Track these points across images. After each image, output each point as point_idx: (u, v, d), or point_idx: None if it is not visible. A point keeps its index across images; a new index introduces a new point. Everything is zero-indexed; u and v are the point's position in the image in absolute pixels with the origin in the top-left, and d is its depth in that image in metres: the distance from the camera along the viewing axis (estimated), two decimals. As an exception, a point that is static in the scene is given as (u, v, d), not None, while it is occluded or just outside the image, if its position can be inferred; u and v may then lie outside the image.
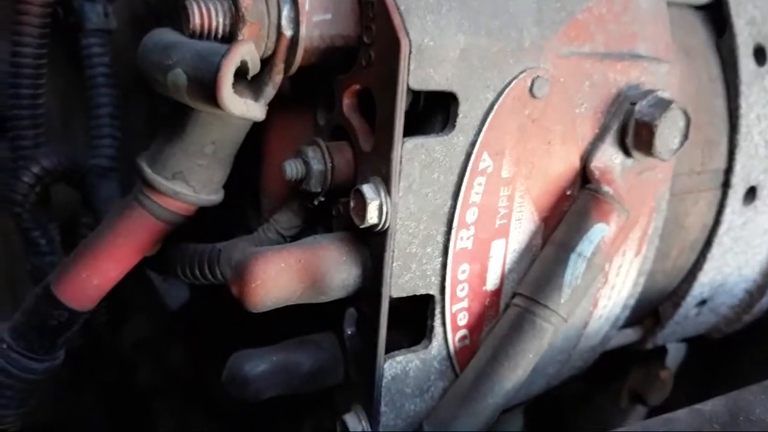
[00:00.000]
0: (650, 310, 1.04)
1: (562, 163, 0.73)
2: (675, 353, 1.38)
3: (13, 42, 0.84)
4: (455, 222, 0.68)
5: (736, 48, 0.92)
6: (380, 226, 0.65)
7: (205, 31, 0.61)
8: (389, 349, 0.70)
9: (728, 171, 0.94)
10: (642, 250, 0.86)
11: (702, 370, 1.46)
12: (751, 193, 0.97)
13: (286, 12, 0.62)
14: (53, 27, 0.88)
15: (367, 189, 0.64)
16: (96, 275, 0.71)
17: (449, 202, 0.68)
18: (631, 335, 1.05)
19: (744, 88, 0.93)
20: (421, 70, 0.62)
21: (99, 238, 0.71)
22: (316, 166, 0.68)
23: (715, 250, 0.97)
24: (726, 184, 0.95)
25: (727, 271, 1.01)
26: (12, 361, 0.74)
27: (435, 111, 0.68)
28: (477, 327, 0.74)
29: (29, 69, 0.85)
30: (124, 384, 1.10)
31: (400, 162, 0.64)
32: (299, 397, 0.90)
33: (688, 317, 1.05)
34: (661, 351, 1.23)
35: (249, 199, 0.81)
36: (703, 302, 1.04)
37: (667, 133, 0.74)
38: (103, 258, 0.71)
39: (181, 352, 1.08)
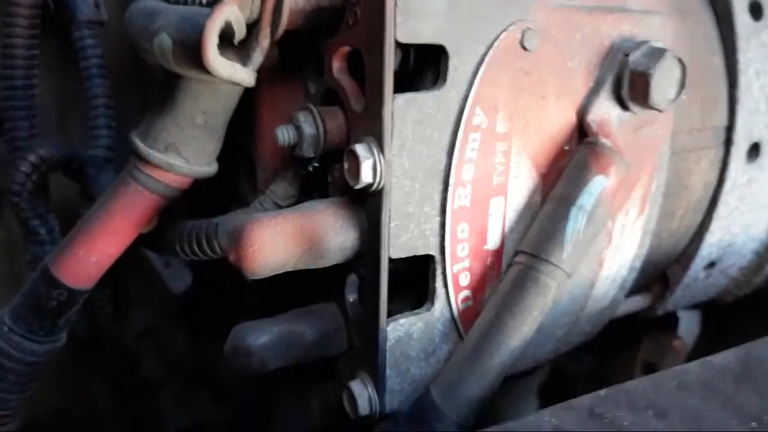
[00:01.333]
0: (658, 274, 1.03)
1: (558, 118, 0.72)
2: (689, 325, 1.36)
3: (5, 34, 0.85)
4: (452, 179, 0.67)
5: (731, 3, 0.92)
6: (375, 186, 0.64)
7: (190, -5, 0.61)
8: (392, 315, 0.70)
9: (730, 128, 0.93)
10: (645, 209, 0.85)
11: (716, 342, 1.44)
12: (754, 150, 0.95)
13: (269, -28, 0.61)
14: (44, 20, 0.88)
15: (359, 148, 0.63)
16: (94, 252, 0.71)
17: (444, 159, 0.67)
18: (640, 302, 1.04)
19: (741, 43, 0.92)
20: (408, 24, 0.61)
21: (95, 215, 0.71)
22: (308, 130, 0.67)
23: (721, 209, 0.96)
24: (728, 141, 0.93)
25: (735, 231, 1.00)
26: (13, 343, 0.73)
27: (425, 68, 0.67)
28: (480, 287, 0.73)
29: (21, 60, 0.85)
30: (130, 373, 1.10)
31: (392, 119, 0.63)
32: (304, 377, 0.89)
33: (697, 280, 1.03)
34: (673, 320, 1.22)
35: (243, 171, 0.80)
36: (711, 264, 1.02)
37: (663, 82, 0.73)
38: (100, 235, 0.70)
39: (184, 339, 1.07)
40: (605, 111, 0.73)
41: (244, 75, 0.62)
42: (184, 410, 1.08)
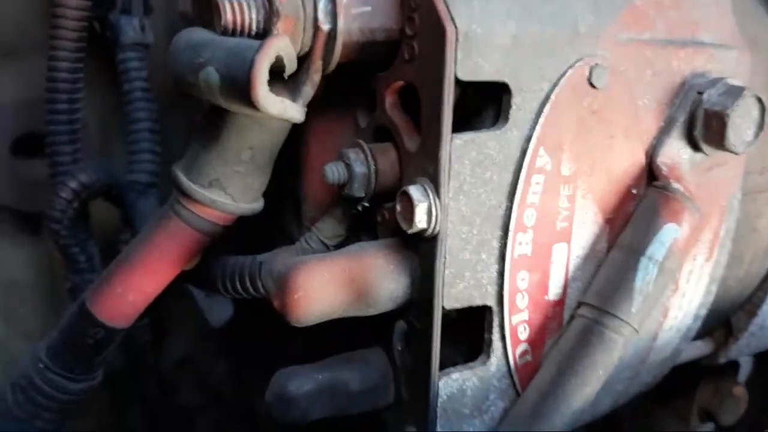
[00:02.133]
0: (722, 320, 0.96)
1: (627, 159, 0.67)
2: (743, 366, 1.28)
3: (50, 57, 0.83)
4: (512, 225, 0.63)
5: (806, 33, 0.86)
6: (430, 231, 0.60)
7: (238, 27, 0.58)
8: (443, 366, 0.65)
9: (802, 166, 0.87)
10: (713, 254, 0.79)
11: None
12: (827, 190, 0.89)
13: (322, 5, 0.58)
14: (90, 42, 0.86)
15: (414, 190, 0.59)
16: (132, 291, 0.68)
17: (504, 204, 0.62)
18: (702, 348, 0.97)
19: (817, 76, 0.86)
20: (469, 60, 0.57)
21: (134, 251, 0.68)
22: (359, 168, 0.63)
23: (791, 253, 0.90)
24: (800, 181, 0.87)
25: (806, 276, 0.93)
26: (49, 381, 0.71)
27: (486, 106, 0.63)
28: (539, 341, 0.68)
29: (66, 84, 0.83)
30: (167, 402, 1.07)
31: (450, 160, 0.59)
32: (348, 420, 0.85)
33: (764, 327, 0.96)
34: (733, 365, 1.15)
35: (289, 207, 0.77)
36: (780, 311, 0.96)
37: (740, 123, 0.67)
38: (139, 272, 0.68)
39: (223, 369, 1.04)
40: (676, 152, 0.68)
41: (294, 112, 0.58)
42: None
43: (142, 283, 0.68)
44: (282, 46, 0.55)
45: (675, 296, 0.77)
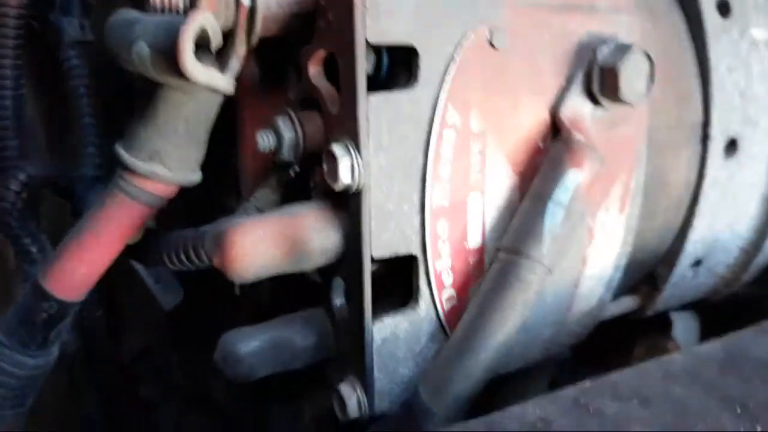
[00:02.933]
0: (646, 274, 1.03)
1: (532, 116, 0.74)
2: (686, 329, 1.36)
3: None
4: (429, 178, 0.69)
5: (699, 2, 0.94)
6: (354, 186, 0.66)
7: (166, 6, 0.63)
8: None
9: (706, 124, 0.94)
10: (626, 206, 0.86)
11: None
12: (732, 146, 0.97)
13: (243, -18, 0.64)
14: (32, 41, 0.91)
15: (337, 148, 0.65)
16: (82, 264, 0.72)
17: (421, 158, 0.68)
18: (629, 303, 1.04)
19: (711, 41, 0.94)
20: (377, 25, 0.63)
21: (83, 227, 0.72)
22: (288, 134, 0.69)
23: (703, 206, 0.97)
24: (705, 138, 0.95)
25: (719, 228, 1.01)
26: (5, 357, 0.74)
27: (399, 70, 0.69)
28: (463, 286, 0.74)
29: (9, 81, 0.87)
30: (125, 393, 1.10)
31: (367, 119, 0.65)
32: (296, 384, 0.89)
33: (685, 278, 1.04)
34: (667, 322, 1.22)
35: (229, 183, 0.82)
36: (698, 262, 1.03)
37: (632, 76, 0.74)
38: (88, 246, 0.72)
39: (179, 358, 1.08)
40: (577, 107, 0.75)
41: (222, 81, 0.64)
42: (180, 424, 1.08)
43: (91, 256, 0.72)
44: (205, 19, 0.61)
45: (592, 246, 0.84)
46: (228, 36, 0.65)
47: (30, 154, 0.91)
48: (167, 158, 0.70)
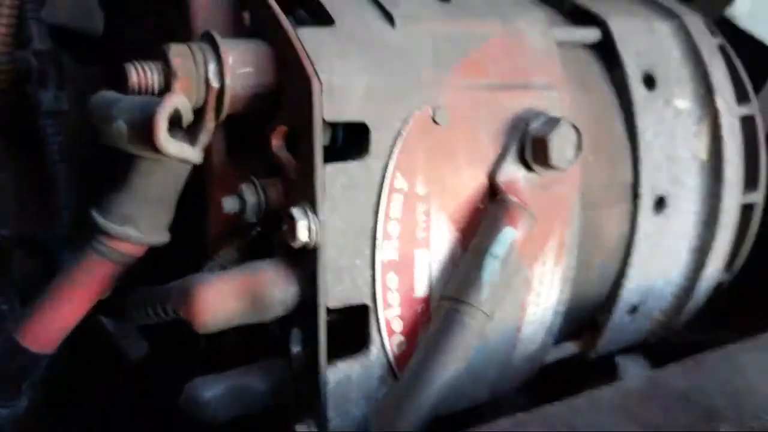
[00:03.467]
0: (586, 320, 1.12)
1: (472, 180, 0.83)
2: (635, 371, 1.43)
3: None
4: (379, 235, 0.77)
5: (627, 77, 1.05)
6: (311, 244, 0.74)
7: (143, 88, 0.71)
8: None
9: (635, 184, 1.05)
10: (562, 258, 0.95)
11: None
12: (660, 203, 1.07)
13: (212, 67, 0.73)
14: (6, 110, 0.98)
15: (296, 211, 0.73)
16: (56, 319, 0.78)
17: (372, 218, 0.77)
18: (572, 347, 1.12)
19: (638, 110, 1.05)
20: (332, 106, 0.72)
21: (57, 284, 0.79)
22: (251, 199, 0.77)
23: (636, 257, 1.06)
24: (635, 196, 1.05)
25: (652, 276, 1.10)
26: (-23, 408, 0.79)
27: (353, 142, 0.78)
28: (412, 332, 0.81)
29: None
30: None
31: (324, 186, 0.73)
32: (258, 430, 0.95)
33: (623, 323, 1.13)
34: (612, 365, 1.30)
35: (196, 243, 0.89)
36: (634, 308, 1.12)
37: (561, 145, 0.84)
38: (63, 302, 0.78)
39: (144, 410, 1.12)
40: (512, 172, 0.84)
41: (191, 153, 0.72)
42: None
43: (65, 311, 0.79)
44: (179, 101, 0.69)
45: (531, 294, 0.93)
46: (198, 113, 0.74)
47: (1, 214, 0.97)
48: (139, 221, 0.77)
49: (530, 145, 0.84)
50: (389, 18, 0.80)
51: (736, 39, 1.33)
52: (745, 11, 1.52)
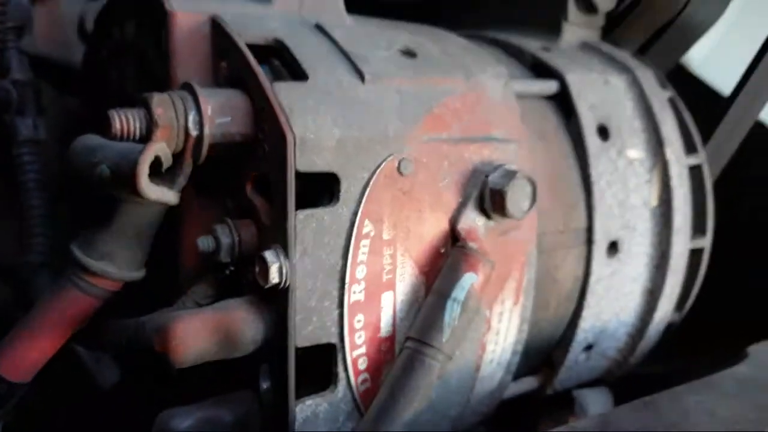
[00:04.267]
0: (544, 358, 1.17)
1: (434, 227, 0.88)
2: (596, 404, 1.48)
3: None
4: (347, 278, 0.82)
5: (582, 128, 1.12)
6: (282, 285, 0.78)
7: (125, 135, 0.75)
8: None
9: (589, 229, 1.11)
10: (520, 299, 1.00)
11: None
12: (613, 247, 1.13)
13: (192, 117, 0.77)
14: None
15: (268, 254, 0.77)
16: (33, 349, 0.81)
17: (340, 262, 0.81)
18: (530, 383, 1.17)
19: (593, 160, 1.12)
20: (305, 157, 0.77)
21: (35, 315, 0.82)
22: (225, 239, 0.81)
23: (590, 299, 1.12)
24: (589, 241, 1.11)
25: (606, 318, 1.16)
26: (-46, 437, 0.81)
27: (324, 189, 0.83)
28: (377, 370, 0.86)
29: None
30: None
31: (295, 231, 0.77)
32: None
33: (578, 362, 1.18)
34: (570, 399, 1.35)
35: (170, 278, 0.92)
36: (589, 347, 1.18)
37: (517, 196, 0.90)
38: (40, 333, 0.81)
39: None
40: (472, 221, 0.90)
41: (170, 197, 0.76)
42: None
43: (43, 342, 0.82)
44: (159, 149, 0.73)
45: (489, 334, 0.98)
46: (177, 157, 0.78)
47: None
48: (117, 258, 0.81)
49: (489, 195, 0.90)
50: (359, 74, 0.86)
51: (689, 83, 1.41)
52: (701, 58, 1.61)
